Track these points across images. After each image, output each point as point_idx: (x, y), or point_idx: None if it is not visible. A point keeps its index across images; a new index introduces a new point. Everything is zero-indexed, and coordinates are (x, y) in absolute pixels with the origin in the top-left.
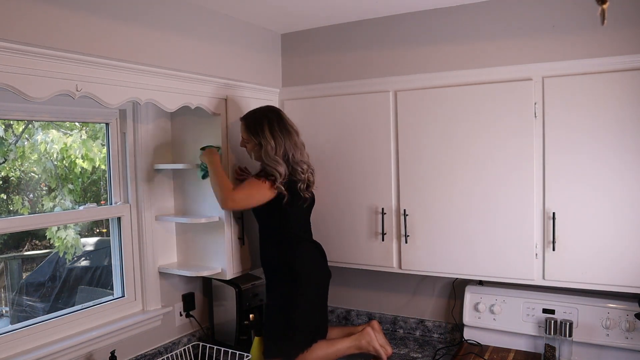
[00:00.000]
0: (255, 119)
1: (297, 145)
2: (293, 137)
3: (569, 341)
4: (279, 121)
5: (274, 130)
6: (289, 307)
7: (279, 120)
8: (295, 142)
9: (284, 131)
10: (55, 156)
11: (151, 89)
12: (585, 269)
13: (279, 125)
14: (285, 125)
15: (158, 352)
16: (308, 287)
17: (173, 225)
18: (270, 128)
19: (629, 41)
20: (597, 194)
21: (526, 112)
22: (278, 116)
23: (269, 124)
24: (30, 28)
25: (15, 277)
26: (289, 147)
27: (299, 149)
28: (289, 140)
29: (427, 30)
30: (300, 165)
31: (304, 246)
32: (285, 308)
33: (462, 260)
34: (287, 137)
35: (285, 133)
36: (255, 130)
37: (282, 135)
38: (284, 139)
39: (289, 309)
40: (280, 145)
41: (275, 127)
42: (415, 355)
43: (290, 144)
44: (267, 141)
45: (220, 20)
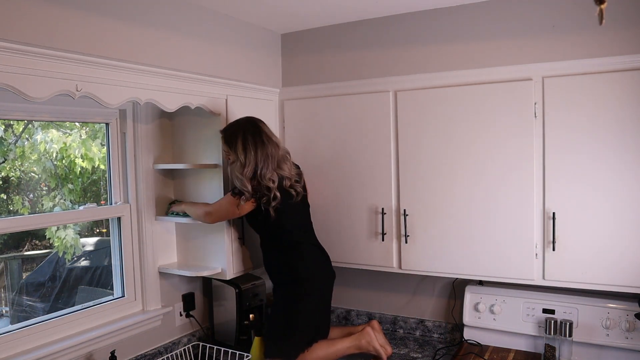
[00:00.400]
0: (232, 132)
1: (271, 157)
2: (267, 149)
3: (569, 341)
4: (254, 134)
5: (247, 145)
6: (292, 308)
7: (254, 133)
8: (268, 154)
9: (258, 145)
10: (55, 156)
11: (151, 89)
12: (585, 269)
13: (253, 138)
14: (262, 137)
15: (158, 352)
16: (311, 289)
17: (173, 225)
18: (244, 142)
19: (629, 41)
20: (597, 194)
21: (526, 112)
22: (255, 128)
23: (243, 138)
24: (30, 28)
25: (15, 277)
26: (259, 162)
27: (274, 161)
28: (260, 154)
29: (427, 30)
30: (268, 181)
31: (306, 250)
32: (288, 308)
33: (462, 260)
34: (259, 151)
35: (259, 146)
36: (230, 144)
37: (254, 150)
38: (256, 154)
39: (292, 309)
40: (249, 161)
41: (248, 142)
42: (415, 355)
43: (261, 157)
44: (237, 157)
45: (220, 20)
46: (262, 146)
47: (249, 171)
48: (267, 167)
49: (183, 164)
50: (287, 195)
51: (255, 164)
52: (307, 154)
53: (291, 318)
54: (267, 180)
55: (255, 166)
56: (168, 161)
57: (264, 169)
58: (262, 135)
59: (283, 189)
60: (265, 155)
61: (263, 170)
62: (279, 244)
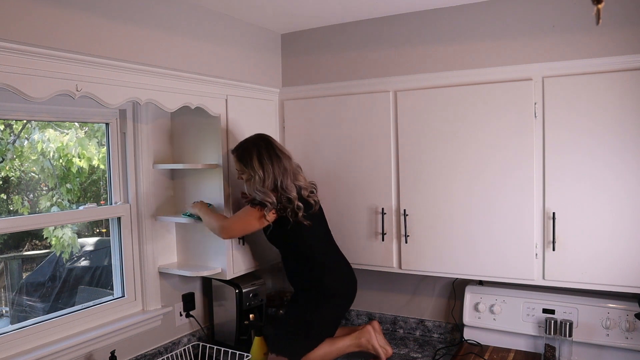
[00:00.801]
0: (245, 149)
1: (288, 170)
2: (283, 163)
3: (569, 341)
4: (268, 149)
5: (263, 160)
6: (311, 312)
7: (268, 148)
8: (285, 167)
9: (273, 158)
10: (52, 155)
11: (151, 89)
12: (585, 269)
13: (267, 153)
14: (275, 151)
15: (158, 352)
16: (334, 299)
17: (173, 225)
18: (259, 158)
19: (628, 41)
20: (597, 193)
21: (526, 112)
22: (267, 144)
23: (258, 154)
24: (30, 28)
25: (15, 277)
26: (278, 174)
27: (290, 174)
28: (278, 167)
29: (427, 30)
30: (290, 192)
31: (329, 260)
32: (307, 311)
33: (462, 260)
34: (276, 165)
35: (274, 160)
36: (245, 162)
37: (270, 163)
38: (273, 167)
39: (311, 313)
40: (268, 174)
41: (263, 156)
42: (415, 355)
43: (279, 170)
44: (255, 172)
45: (220, 21)
46: (277, 159)
47: (269, 183)
48: (286, 179)
49: (183, 164)
50: (307, 205)
51: (274, 176)
52: (307, 154)
53: (308, 321)
54: (288, 191)
55: (275, 178)
56: (168, 161)
57: (284, 181)
58: (275, 150)
59: (303, 199)
60: (282, 168)
61: (283, 182)
62: (302, 255)
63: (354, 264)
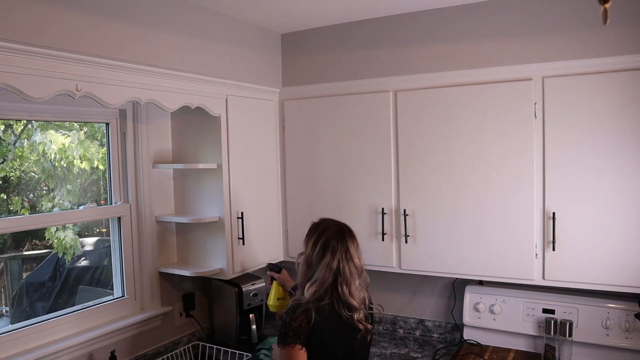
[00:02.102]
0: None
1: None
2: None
3: (569, 341)
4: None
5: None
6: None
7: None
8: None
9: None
10: (54, 157)
11: (151, 89)
12: (585, 269)
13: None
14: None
15: (158, 352)
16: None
17: (173, 225)
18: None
19: (629, 41)
20: (598, 194)
21: (526, 112)
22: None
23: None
24: (30, 28)
25: (15, 277)
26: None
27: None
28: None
29: (427, 30)
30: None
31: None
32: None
33: (462, 260)
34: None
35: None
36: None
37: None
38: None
39: None
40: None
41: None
42: (415, 355)
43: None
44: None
45: (221, 21)
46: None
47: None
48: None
49: (183, 164)
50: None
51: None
52: (307, 154)
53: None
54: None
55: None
56: (168, 161)
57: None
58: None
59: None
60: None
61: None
62: None
63: None
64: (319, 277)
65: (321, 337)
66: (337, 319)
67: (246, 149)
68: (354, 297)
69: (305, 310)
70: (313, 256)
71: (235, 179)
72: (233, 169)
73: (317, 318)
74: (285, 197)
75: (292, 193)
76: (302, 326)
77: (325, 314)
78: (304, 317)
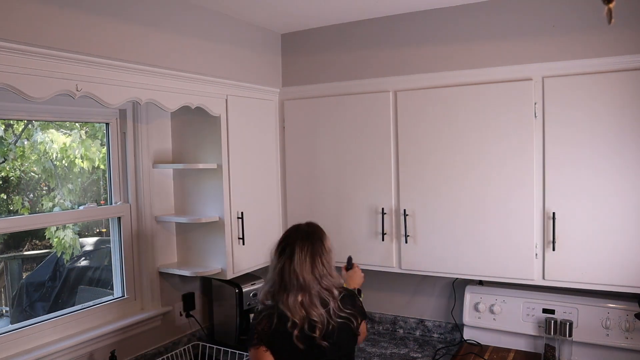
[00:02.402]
0: None
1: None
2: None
3: (569, 341)
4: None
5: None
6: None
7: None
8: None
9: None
10: (55, 156)
11: (151, 89)
12: (585, 269)
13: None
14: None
15: (158, 352)
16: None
17: (173, 225)
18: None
19: (629, 41)
20: (598, 193)
21: (526, 112)
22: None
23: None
24: (30, 28)
25: (15, 277)
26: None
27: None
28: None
29: (427, 30)
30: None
31: None
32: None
33: (462, 260)
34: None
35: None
36: None
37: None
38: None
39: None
40: None
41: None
42: (415, 355)
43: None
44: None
45: (221, 21)
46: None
47: None
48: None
49: (183, 164)
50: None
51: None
52: (307, 154)
53: None
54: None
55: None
56: (168, 161)
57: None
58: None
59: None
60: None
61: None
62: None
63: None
64: (269, 278)
65: (282, 341)
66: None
67: (246, 149)
68: (289, 310)
69: (267, 315)
70: (272, 261)
71: (235, 179)
72: (233, 169)
73: (278, 323)
74: (285, 197)
75: (292, 193)
76: (265, 330)
77: (287, 317)
78: (266, 322)
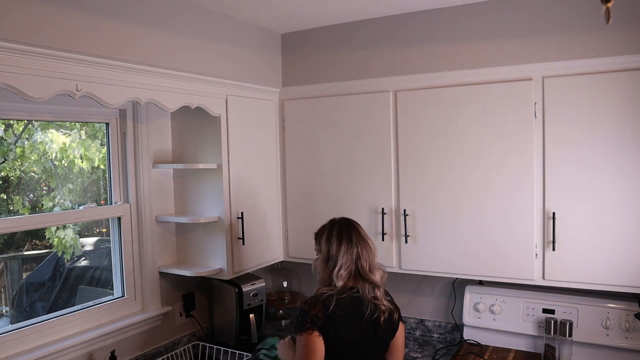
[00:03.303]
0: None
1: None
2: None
3: (569, 341)
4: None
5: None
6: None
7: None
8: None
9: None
10: (55, 156)
11: (151, 89)
12: (585, 269)
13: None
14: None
15: (158, 352)
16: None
17: (173, 225)
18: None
19: (628, 41)
20: (597, 194)
21: (526, 112)
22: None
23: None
24: (30, 28)
25: (15, 277)
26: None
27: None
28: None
29: (427, 31)
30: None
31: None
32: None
33: (462, 260)
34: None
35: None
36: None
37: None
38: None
39: None
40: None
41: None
42: (415, 355)
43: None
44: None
45: (220, 21)
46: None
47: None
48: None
49: (183, 164)
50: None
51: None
52: (307, 154)
53: None
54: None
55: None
56: (168, 161)
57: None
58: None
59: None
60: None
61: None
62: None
63: None
64: (343, 263)
65: (336, 327)
66: (358, 310)
67: (246, 149)
68: (374, 275)
69: (324, 299)
70: (331, 249)
71: (235, 179)
72: (233, 169)
73: (334, 308)
74: (285, 197)
75: (292, 193)
76: (319, 315)
77: (346, 305)
78: (321, 307)
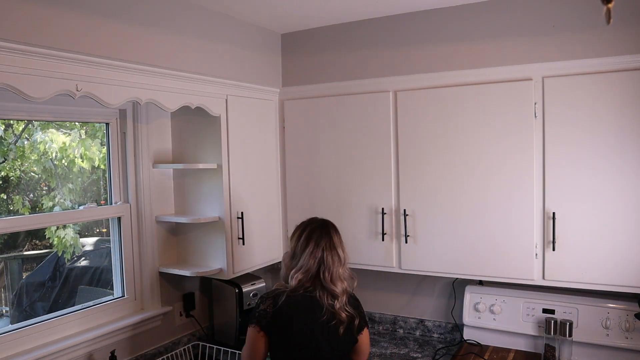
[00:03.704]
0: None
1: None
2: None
3: (569, 341)
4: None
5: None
6: None
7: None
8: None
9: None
10: (55, 156)
11: (151, 89)
12: (585, 269)
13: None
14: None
15: (158, 352)
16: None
17: (173, 225)
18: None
19: (629, 41)
20: (597, 194)
21: (526, 112)
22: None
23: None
24: (30, 28)
25: (15, 277)
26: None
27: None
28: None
29: (427, 30)
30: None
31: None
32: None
33: (462, 260)
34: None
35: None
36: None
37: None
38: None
39: None
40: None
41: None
42: (415, 355)
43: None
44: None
45: (220, 21)
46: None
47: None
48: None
49: (183, 164)
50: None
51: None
52: (307, 154)
53: None
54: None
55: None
56: (168, 161)
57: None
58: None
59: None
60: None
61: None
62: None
63: (354, 263)
64: (303, 265)
65: (285, 323)
66: (311, 308)
67: (246, 149)
68: (336, 285)
69: (275, 295)
70: (297, 247)
71: (235, 179)
72: (233, 169)
73: (283, 305)
74: (285, 197)
75: (292, 193)
76: (268, 310)
77: (296, 304)
78: (271, 302)
